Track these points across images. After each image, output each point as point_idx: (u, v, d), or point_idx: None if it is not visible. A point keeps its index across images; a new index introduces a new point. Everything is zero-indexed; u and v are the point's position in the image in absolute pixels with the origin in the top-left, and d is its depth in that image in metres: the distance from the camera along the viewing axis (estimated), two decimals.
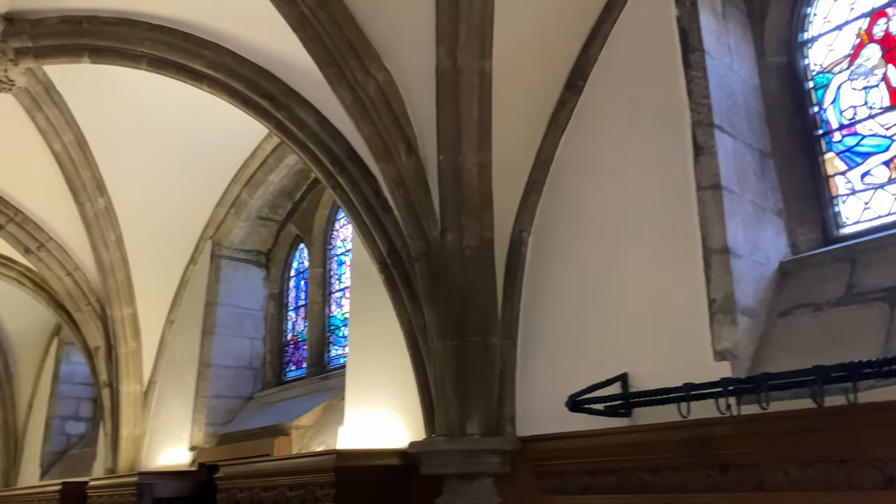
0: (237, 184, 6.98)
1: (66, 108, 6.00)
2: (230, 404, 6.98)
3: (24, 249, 7.48)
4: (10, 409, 11.17)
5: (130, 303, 7.33)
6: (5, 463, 11.17)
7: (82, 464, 9.55)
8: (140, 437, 7.37)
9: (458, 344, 3.68)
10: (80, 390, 10.93)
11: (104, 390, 7.56)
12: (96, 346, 7.64)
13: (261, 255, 7.54)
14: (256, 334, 7.35)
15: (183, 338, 7.30)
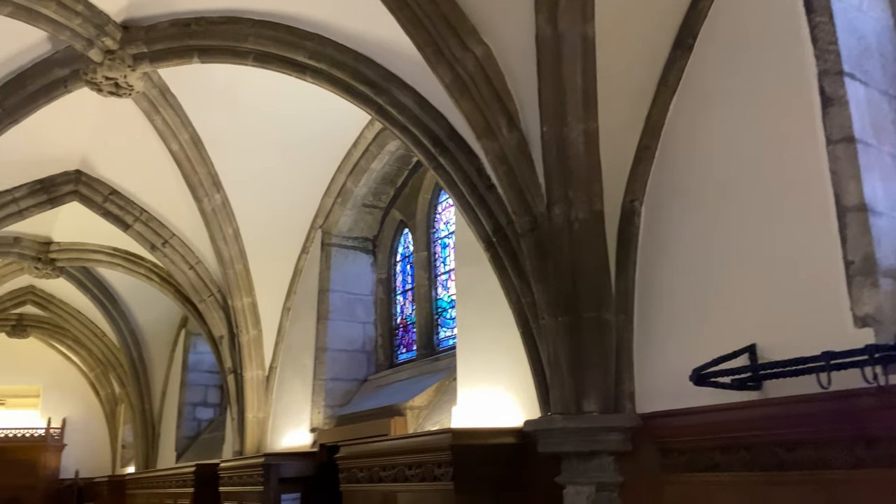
0: (342, 173, 7.12)
1: (181, 109, 6.31)
2: (346, 387, 7.19)
3: (151, 246, 7.97)
4: (146, 397, 11.99)
5: (250, 292, 7.66)
6: (145, 447, 12.02)
7: (212, 447, 10.13)
8: (264, 421, 7.72)
9: (570, 320, 3.58)
10: (208, 378, 11.59)
11: (229, 377, 7.96)
12: (220, 335, 8.04)
13: (367, 242, 7.69)
14: (367, 319, 7.52)
15: (299, 324, 7.57)
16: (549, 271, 3.66)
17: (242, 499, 6.62)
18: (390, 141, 6.68)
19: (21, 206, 7.41)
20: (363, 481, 4.63)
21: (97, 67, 5.33)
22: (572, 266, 3.57)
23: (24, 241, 9.02)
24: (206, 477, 7.95)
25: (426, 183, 7.03)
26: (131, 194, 7.78)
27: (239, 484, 6.77)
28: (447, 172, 4.30)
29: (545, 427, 3.61)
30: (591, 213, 3.56)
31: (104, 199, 7.75)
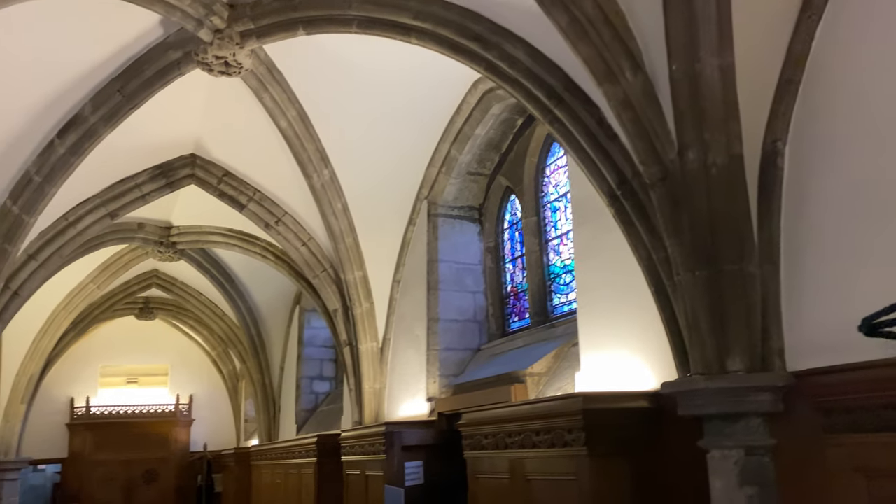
0: (445, 142, 7.02)
1: (287, 86, 6.38)
2: (460, 356, 7.15)
3: (265, 225, 8.18)
4: (266, 372, 12.48)
5: (361, 266, 7.74)
6: (267, 420, 12.53)
7: (330, 419, 10.41)
8: (381, 391, 7.82)
9: (709, 274, 3.33)
10: (322, 352, 11.91)
11: (345, 349, 8.10)
12: (334, 308, 8.19)
13: (473, 211, 7.57)
14: (477, 288, 7.44)
15: (410, 296, 7.58)
16: (683, 223, 3.41)
17: (365, 467, 6.73)
18: (494, 104, 6.51)
19: (143, 192, 7.75)
20: (489, 448, 4.56)
21: (207, 47, 5.44)
22: (710, 216, 3.30)
23: (147, 226, 9.48)
24: (328, 447, 8.17)
25: (532, 146, 6.82)
26: (244, 175, 8.00)
27: (361, 453, 6.88)
28: (564, 125, 4.09)
29: (686, 388, 3.39)
30: (728, 157, 3.27)
31: (219, 181, 8.01)
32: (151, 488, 14.42)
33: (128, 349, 14.82)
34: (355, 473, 7.04)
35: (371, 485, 6.57)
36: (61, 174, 6.26)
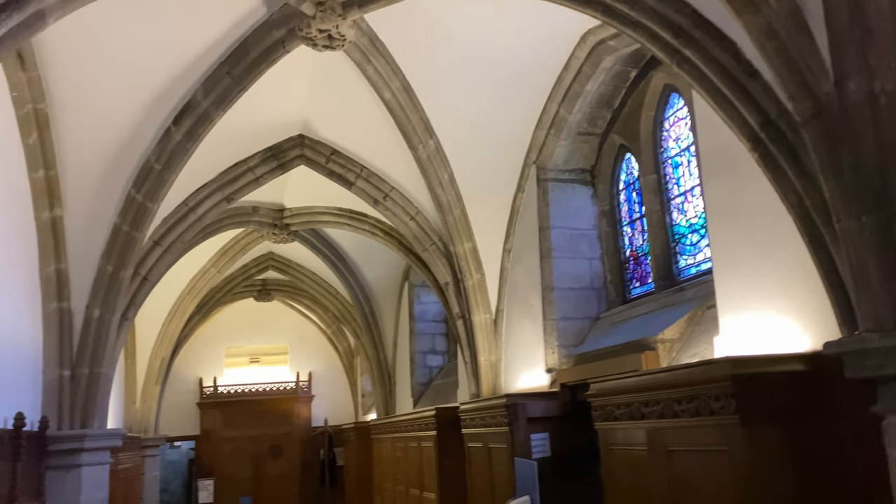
0: (553, 102, 6.72)
1: (390, 56, 6.27)
2: (578, 325, 6.89)
3: (373, 201, 8.18)
4: (380, 348, 12.65)
5: (470, 237, 7.60)
6: (383, 394, 12.73)
7: (446, 392, 10.42)
8: (497, 363, 7.69)
9: (878, 219, 2.92)
10: (433, 327, 11.94)
11: (458, 322, 8.01)
12: (445, 281, 8.11)
13: (585, 173, 7.25)
14: (593, 254, 7.13)
15: (522, 265, 7.38)
16: (843, 163, 3.01)
17: (487, 440, 6.63)
18: (605, 57, 6.14)
19: (256, 174, 7.90)
20: (622, 418, 4.31)
21: (310, 21, 5.39)
22: (879, 151, 2.89)
23: (262, 209, 9.72)
24: (447, 420, 8.15)
25: (648, 99, 6.41)
26: (351, 152, 8.01)
27: (482, 425, 6.79)
28: (695, 67, 3.73)
29: (856, 348, 3.01)
30: None
31: (327, 160, 8.06)
32: (278, 462, 15.05)
33: (249, 330, 15.45)
34: (477, 446, 6.96)
35: (494, 457, 6.47)
36: (179, 161, 6.43)
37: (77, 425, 6.46)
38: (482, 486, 6.80)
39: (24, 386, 6.01)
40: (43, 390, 6.39)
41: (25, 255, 6.05)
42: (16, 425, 5.36)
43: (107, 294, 6.62)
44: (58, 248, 6.34)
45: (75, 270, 6.50)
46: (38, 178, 6.02)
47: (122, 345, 7.04)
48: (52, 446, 6.24)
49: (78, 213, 6.37)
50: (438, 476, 8.26)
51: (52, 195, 6.15)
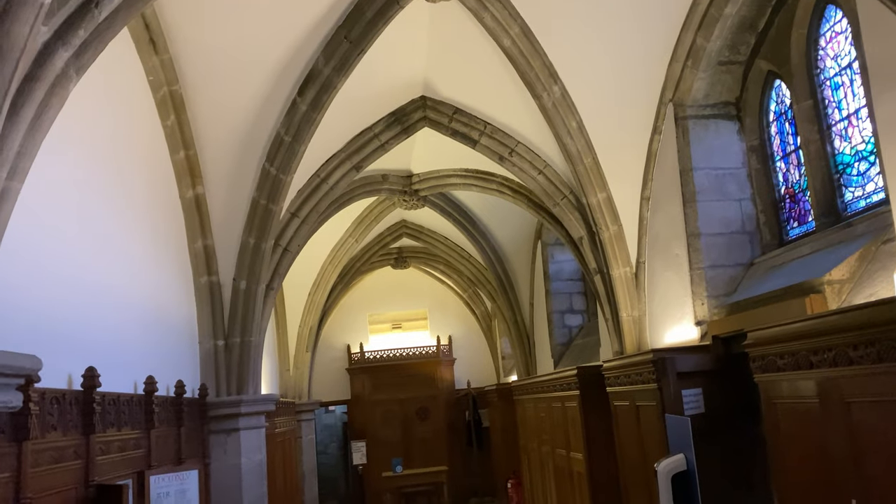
0: (688, 30, 6.14)
1: (507, 0, 5.97)
2: (729, 273, 6.35)
3: (499, 158, 7.96)
4: (516, 308, 12.52)
5: (603, 187, 7.22)
6: (523, 356, 12.62)
7: (587, 351, 10.12)
8: (640, 319, 7.30)
9: None
10: (570, 286, 11.63)
11: (596, 277, 7.67)
12: (579, 236, 7.78)
13: (729, 107, 6.60)
14: (742, 195, 6.52)
15: (662, 213, 6.90)
16: None
17: (634, 398, 6.32)
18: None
19: (382, 141, 7.91)
20: (786, 369, 3.88)
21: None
22: None
23: (390, 177, 9.80)
24: (590, 379, 7.88)
25: (799, 16, 5.68)
26: (473, 109, 7.82)
27: (628, 383, 6.47)
28: None
29: None
30: None
31: (450, 120, 7.92)
32: (425, 424, 15.41)
33: (389, 297, 15.85)
34: (624, 405, 6.66)
35: (643, 415, 6.15)
36: (307, 131, 6.53)
37: (233, 392, 6.83)
38: (631, 444, 6.50)
39: (184, 356, 6.41)
40: (200, 360, 6.80)
41: (174, 232, 6.40)
42: (177, 392, 5.71)
43: (251, 266, 6.90)
44: (203, 225, 6.66)
45: (220, 245, 6.82)
46: (180, 159, 6.32)
47: (268, 314, 7.34)
48: (211, 412, 6.64)
49: (218, 190, 6.65)
50: (584, 436, 8.03)
51: (193, 174, 6.45)
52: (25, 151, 2.43)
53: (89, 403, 3.91)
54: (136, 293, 5.28)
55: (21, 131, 2.39)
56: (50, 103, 2.53)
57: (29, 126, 2.44)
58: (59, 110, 2.61)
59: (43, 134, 2.54)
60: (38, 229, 3.75)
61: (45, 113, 2.52)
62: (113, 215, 4.92)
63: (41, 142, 2.55)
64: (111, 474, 4.21)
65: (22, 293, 3.50)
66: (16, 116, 2.36)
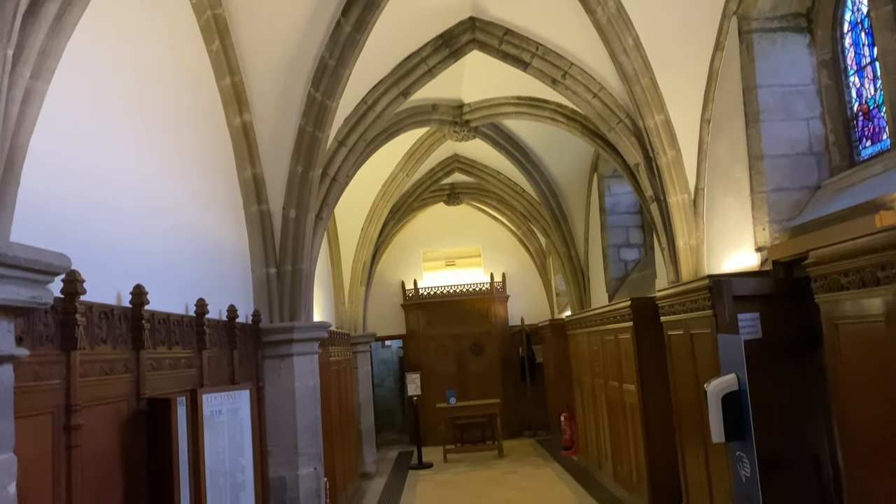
0: None
1: None
2: (794, 197, 6.01)
3: (552, 81, 7.66)
4: (570, 244, 12.31)
5: (661, 109, 6.89)
6: (577, 291, 12.47)
7: (643, 285, 9.90)
8: (697, 247, 7.03)
9: None
10: (626, 219, 11.33)
11: (652, 206, 7.41)
12: (636, 162, 7.49)
13: (799, 18, 6.13)
14: (811, 113, 6.11)
15: (724, 135, 6.55)
16: None
17: (688, 326, 6.14)
18: None
19: (429, 65, 7.70)
20: (850, 287, 3.65)
21: None
22: None
23: (441, 106, 9.59)
24: (644, 310, 7.74)
25: None
26: (524, 29, 7.51)
27: (682, 311, 6.29)
28: None
29: None
30: None
31: (500, 42, 7.63)
32: (480, 359, 15.54)
33: (442, 234, 15.84)
34: (677, 333, 6.48)
35: (697, 343, 5.98)
36: (351, 54, 6.38)
37: (286, 318, 6.93)
38: (684, 374, 6.36)
39: (236, 283, 6.50)
40: (253, 287, 6.90)
41: (224, 160, 6.42)
42: (229, 316, 5.82)
43: (300, 195, 6.90)
44: (251, 153, 6.66)
45: (269, 173, 6.82)
46: (226, 85, 6.28)
47: (318, 244, 7.36)
48: (265, 338, 6.77)
49: (265, 117, 6.61)
50: (637, 367, 7.93)
51: (239, 101, 6.41)
52: (49, 51, 2.39)
53: (138, 320, 3.98)
54: (187, 218, 5.33)
55: (43, 29, 2.34)
56: (74, 0, 2.46)
57: (52, 25, 2.39)
58: (84, 9, 2.55)
59: (67, 34, 2.49)
60: (87, 148, 3.77)
61: (69, 11, 2.46)
62: (162, 140, 4.94)
63: (66, 42, 2.50)
64: (163, 390, 4.33)
65: (70, 210, 3.55)
66: (38, 13, 2.31)
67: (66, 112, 3.55)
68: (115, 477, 3.69)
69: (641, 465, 8.01)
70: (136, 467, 3.90)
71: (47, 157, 3.30)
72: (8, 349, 2.06)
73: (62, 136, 3.52)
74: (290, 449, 6.72)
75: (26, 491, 2.80)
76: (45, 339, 3.09)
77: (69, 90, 3.54)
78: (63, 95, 3.43)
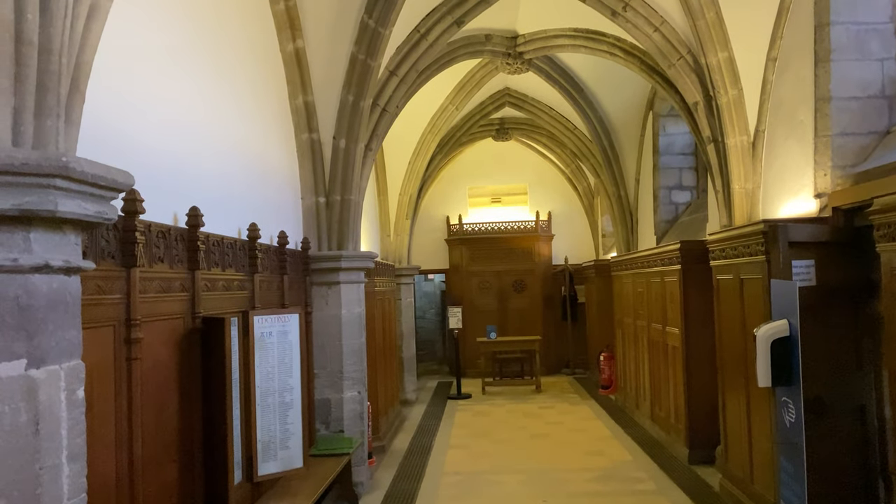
0: None
1: None
2: (860, 142, 5.76)
3: (611, 13, 7.39)
4: (620, 184, 12.09)
5: (725, 46, 6.60)
6: (625, 233, 12.31)
7: (693, 228, 9.71)
8: (753, 191, 6.84)
9: None
10: (680, 160, 11.04)
11: (709, 146, 7.19)
12: (694, 101, 7.24)
13: None
14: (886, 54, 5.77)
15: (789, 74, 6.25)
16: None
17: (739, 271, 6.03)
18: None
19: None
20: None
21: None
22: None
23: (494, 37, 9.36)
24: (693, 253, 7.62)
25: None
26: None
27: (733, 256, 6.17)
28: None
29: None
30: None
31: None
32: (521, 296, 15.61)
33: (489, 170, 15.71)
34: (727, 278, 6.38)
35: (747, 288, 5.88)
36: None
37: (334, 247, 7.04)
38: (731, 319, 6.29)
39: (287, 210, 6.60)
40: (303, 215, 7.00)
41: (276, 86, 6.42)
42: (280, 242, 5.93)
43: (350, 124, 6.89)
44: (303, 80, 6.64)
45: (320, 102, 6.82)
46: (280, 10, 6.22)
47: (367, 174, 7.38)
48: (313, 265, 6.90)
49: (318, 44, 6.56)
50: (683, 310, 7.87)
51: (293, 26, 6.36)
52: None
53: (193, 241, 4.09)
54: (240, 143, 5.39)
55: None
56: None
57: None
58: None
59: None
60: (146, 68, 3.80)
61: None
62: (216, 64, 4.95)
63: None
64: (217, 310, 4.47)
65: (126, 133, 3.61)
66: None
67: (128, 29, 3.58)
68: (172, 388, 3.86)
69: (680, 407, 8.04)
70: (192, 381, 4.08)
71: (108, 77, 3.34)
72: (76, 261, 2.14)
73: (124, 54, 3.56)
74: (335, 372, 6.93)
75: (91, 396, 2.96)
76: (106, 255, 3.21)
77: (127, 17, 3.56)
78: (121, 22, 3.45)
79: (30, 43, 1.99)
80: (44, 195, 1.95)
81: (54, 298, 2.07)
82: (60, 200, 1.99)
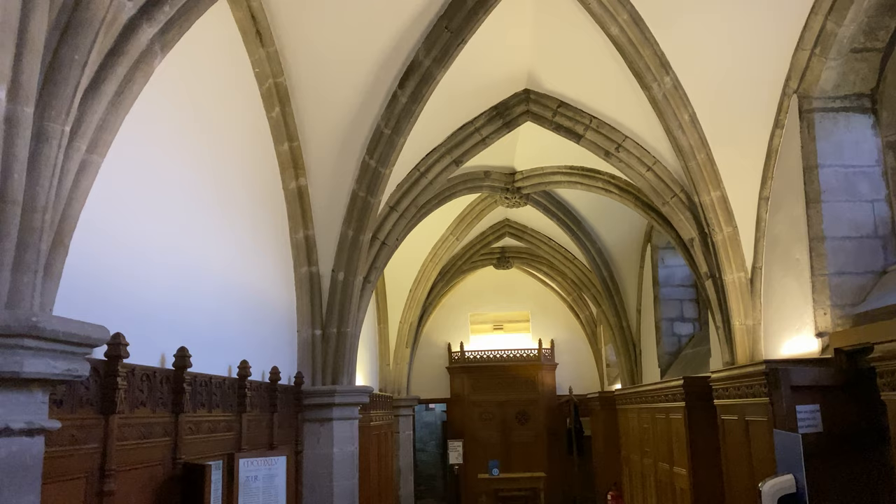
0: (817, 14, 5.59)
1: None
2: (858, 281, 5.74)
3: (605, 153, 7.63)
4: (622, 315, 12.04)
5: (717, 185, 6.75)
6: (629, 364, 12.12)
7: (696, 361, 9.55)
8: (754, 328, 6.75)
9: None
10: (681, 292, 11.04)
11: (707, 282, 7.19)
12: (690, 238, 7.32)
13: (863, 98, 5.97)
14: (877, 195, 5.88)
15: (782, 214, 6.35)
16: None
17: (744, 412, 5.84)
18: None
19: (483, 135, 7.77)
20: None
21: None
22: None
23: (493, 173, 9.64)
24: (697, 390, 7.43)
25: None
26: (579, 102, 7.53)
27: (737, 396, 6.00)
28: None
29: None
30: None
31: (553, 114, 7.67)
32: (525, 428, 15.14)
33: (491, 298, 15.70)
34: (732, 419, 6.18)
35: (753, 431, 5.67)
36: (406, 124, 6.49)
37: (328, 381, 6.90)
38: (738, 462, 6.02)
39: (281, 343, 6.53)
40: (298, 348, 6.91)
41: (277, 222, 6.54)
42: (272, 378, 5.81)
43: (349, 258, 6.95)
44: (305, 216, 6.78)
45: (321, 236, 6.92)
46: (284, 150, 6.45)
47: (366, 306, 7.37)
48: (306, 400, 6.73)
49: (320, 182, 6.74)
50: (689, 450, 7.57)
51: (296, 166, 6.57)
52: (107, 125, 2.47)
53: (179, 383, 4.00)
54: (236, 279, 5.41)
55: (103, 105, 2.42)
56: (134, 78, 2.56)
57: (111, 100, 2.48)
58: (143, 86, 2.65)
59: (126, 109, 2.58)
60: (139, 213, 3.87)
61: (129, 88, 2.55)
62: (217, 202, 5.06)
63: (124, 117, 2.59)
64: (200, 454, 4.30)
65: (119, 273, 3.62)
66: (98, 90, 2.39)
67: (120, 179, 3.67)
68: None
69: None
70: None
71: (100, 222, 3.39)
72: (40, 421, 2.06)
73: (116, 201, 3.63)
74: None
75: None
76: (84, 402, 3.12)
77: (125, 157, 3.66)
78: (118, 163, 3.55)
79: (13, 202, 2.01)
80: (9, 355, 1.91)
81: (12, 463, 1.97)
82: (27, 360, 1.94)
